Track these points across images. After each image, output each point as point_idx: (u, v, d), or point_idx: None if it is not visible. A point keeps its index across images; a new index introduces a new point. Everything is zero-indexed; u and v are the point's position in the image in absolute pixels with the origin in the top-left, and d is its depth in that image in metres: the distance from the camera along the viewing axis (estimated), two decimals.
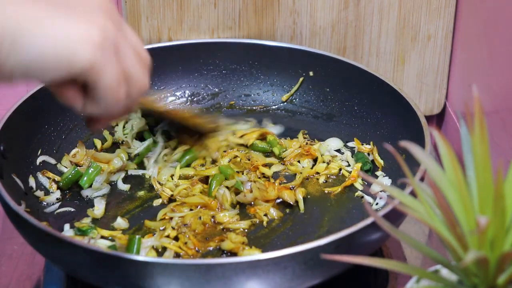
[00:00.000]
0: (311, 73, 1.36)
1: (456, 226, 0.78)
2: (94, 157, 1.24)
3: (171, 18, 1.37)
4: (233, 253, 1.09)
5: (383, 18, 1.39)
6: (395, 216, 1.00)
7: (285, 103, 1.38)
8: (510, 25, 1.19)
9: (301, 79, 1.36)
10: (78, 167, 1.22)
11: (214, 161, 1.25)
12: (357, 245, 0.98)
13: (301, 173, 1.24)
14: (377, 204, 1.18)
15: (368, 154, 1.26)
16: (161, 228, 1.13)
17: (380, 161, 1.24)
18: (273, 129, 1.34)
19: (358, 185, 1.22)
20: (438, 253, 0.83)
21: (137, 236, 1.09)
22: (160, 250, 1.10)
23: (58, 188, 1.21)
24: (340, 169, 1.25)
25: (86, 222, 1.15)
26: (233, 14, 1.38)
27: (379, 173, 1.23)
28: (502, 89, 1.23)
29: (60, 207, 1.18)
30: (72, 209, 1.18)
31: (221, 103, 1.39)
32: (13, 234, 1.13)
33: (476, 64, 1.34)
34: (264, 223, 1.15)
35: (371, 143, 1.27)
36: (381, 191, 1.19)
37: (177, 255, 1.09)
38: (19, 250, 1.19)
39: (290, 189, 1.20)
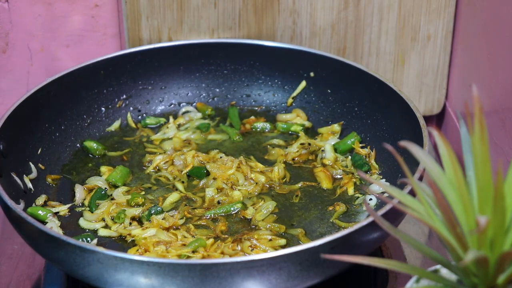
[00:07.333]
0: (311, 74, 1.36)
1: (456, 226, 0.78)
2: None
3: (171, 18, 1.37)
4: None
5: (383, 18, 1.39)
6: (394, 215, 1.00)
7: (286, 103, 1.38)
8: (510, 25, 1.19)
9: (303, 83, 1.36)
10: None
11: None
12: (353, 246, 0.98)
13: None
14: (371, 199, 1.19)
15: (365, 157, 1.26)
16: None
17: (375, 166, 1.24)
18: None
19: (351, 190, 1.22)
20: (437, 253, 0.83)
21: None
22: None
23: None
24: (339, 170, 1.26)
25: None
26: (233, 14, 1.38)
27: (375, 176, 1.23)
28: (502, 89, 1.23)
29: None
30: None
31: (222, 103, 1.39)
32: (13, 234, 1.13)
33: (476, 64, 1.34)
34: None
35: (368, 147, 1.27)
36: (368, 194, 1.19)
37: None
38: (19, 250, 1.19)
39: None
